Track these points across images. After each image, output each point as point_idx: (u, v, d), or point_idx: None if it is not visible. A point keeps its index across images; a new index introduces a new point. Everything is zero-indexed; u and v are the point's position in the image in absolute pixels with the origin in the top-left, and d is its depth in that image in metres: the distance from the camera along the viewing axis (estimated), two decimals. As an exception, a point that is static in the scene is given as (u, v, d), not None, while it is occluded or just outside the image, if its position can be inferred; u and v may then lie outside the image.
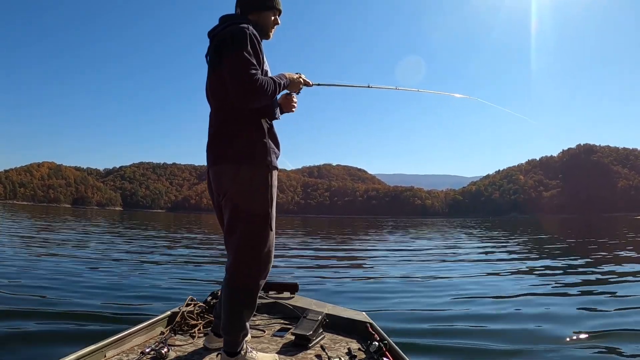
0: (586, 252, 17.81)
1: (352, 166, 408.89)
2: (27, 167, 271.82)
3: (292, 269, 12.53)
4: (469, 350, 5.29)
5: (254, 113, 2.88)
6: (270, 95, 2.79)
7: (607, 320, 6.56)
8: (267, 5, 3.03)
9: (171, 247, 18.42)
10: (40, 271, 9.96)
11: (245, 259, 2.89)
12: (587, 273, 11.72)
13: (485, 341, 5.55)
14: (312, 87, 3.34)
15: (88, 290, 7.88)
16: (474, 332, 6.07)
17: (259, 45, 2.82)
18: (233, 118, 2.87)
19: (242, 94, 2.67)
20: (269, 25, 3.08)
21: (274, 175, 2.95)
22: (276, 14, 3.09)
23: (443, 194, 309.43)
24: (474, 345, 5.43)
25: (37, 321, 5.80)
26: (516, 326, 6.33)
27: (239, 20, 2.89)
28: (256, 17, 3.00)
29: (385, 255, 18.16)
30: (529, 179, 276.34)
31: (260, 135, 2.89)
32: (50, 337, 5.15)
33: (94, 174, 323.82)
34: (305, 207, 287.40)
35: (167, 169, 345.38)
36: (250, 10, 3.02)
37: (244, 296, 2.90)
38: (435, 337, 5.81)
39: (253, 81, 2.64)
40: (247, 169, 2.84)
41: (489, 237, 32.26)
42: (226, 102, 2.83)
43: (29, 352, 4.70)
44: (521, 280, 10.83)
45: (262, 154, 2.88)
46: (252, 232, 2.88)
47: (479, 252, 19.35)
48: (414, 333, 5.93)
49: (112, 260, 12.42)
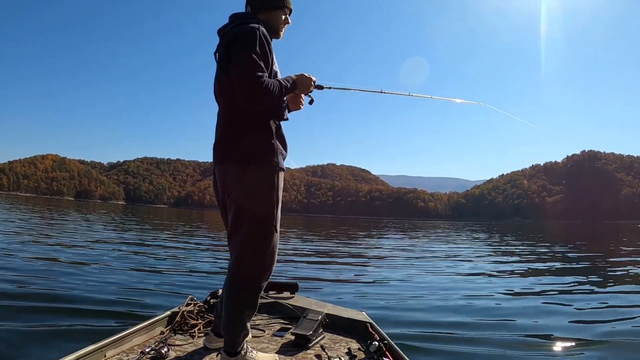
0: (595, 259, 17.73)
1: (355, 166, 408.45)
2: (31, 159, 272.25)
3: (292, 268, 12.52)
4: (469, 351, 5.29)
5: (262, 113, 2.86)
6: (276, 98, 2.78)
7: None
8: (277, 4, 3.00)
9: (172, 244, 18.32)
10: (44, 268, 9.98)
11: (248, 259, 2.87)
12: (594, 283, 11.55)
13: (484, 346, 5.53)
14: (323, 90, 3.31)
15: (88, 289, 7.81)
16: (475, 332, 6.09)
17: (268, 46, 2.79)
18: (241, 118, 2.85)
19: (248, 96, 2.65)
20: (280, 25, 3.05)
21: (280, 177, 2.92)
22: (286, 12, 3.06)
23: (446, 196, 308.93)
24: (474, 347, 5.43)
25: (38, 318, 5.79)
26: (517, 329, 6.33)
27: (250, 19, 2.86)
28: (266, 16, 2.97)
29: (387, 256, 18.18)
30: (533, 184, 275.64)
31: (267, 135, 2.87)
32: (50, 336, 5.14)
33: (98, 168, 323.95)
34: (308, 206, 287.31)
35: (171, 164, 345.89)
36: (260, 9, 2.98)
37: (245, 296, 2.88)
38: (435, 337, 5.83)
39: (259, 83, 2.61)
40: (253, 169, 2.82)
41: (493, 240, 32.18)
42: (234, 101, 2.80)
43: (29, 350, 4.70)
44: (525, 284, 10.79)
45: (269, 154, 2.85)
46: (256, 232, 2.85)
47: (482, 255, 19.29)
48: (414, 333, 5.95)
49: (113, 259, 12.38)
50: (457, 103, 4.64)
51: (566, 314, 7.42)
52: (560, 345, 5.62)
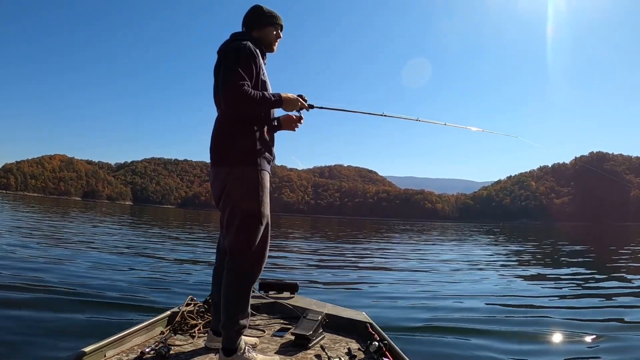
0: (605, 261, 17.54)
1: (363, 167, 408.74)
2: (38, 159, 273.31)
3: (292, 268, 12.55)
4: (469, 351, 5.27)
5: (249, 120, 3.16)
6: (257, 106, 3.09)
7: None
8: (268, 22, 3.38)
9: (174, 245, 18.33)
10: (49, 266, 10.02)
11: (239, 251, 3.08)
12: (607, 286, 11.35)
13: (484, 348, 5.50)
14: (310, 110, 3.57)
15: (87, 288, 7.87)
16: (474, 334, 6.06)
17: (254, 60, 3.11)
18: (230, 124, 3.16)
19: (230, 102, 2.99)
20: (272, 40, 3.43)
21: (264, 177, 3.16)
22: (277, 28, 3.44)
23: (454, 198, 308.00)
24: (474, 348, 5.40)
25: (39, 315, 5.85)
26: (520, 330, 6.29)
27: (241, 37, 3.25)
28: (259, 33, 3.36)
29: (390, 256, 18.16)
30: (541, 185, 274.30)
31: (252, 140, 3.14)
32: (48, 333, 5.17)
33: (105, 168, 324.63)
34: (315, 207, 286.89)
35: (179, 165, 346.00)
36: (253, 27, 3.38)
37: (238, 288, 3.07)
38: (434, 338, 5.80)
39: (241, 92, 2.93)
40: (238, 170, 3.10)
41: (500, 242, 32.05)
42: (220, 107, 3.22)
43: (30, 347, 4.71)
44: (533, 287, 10.74)
45: (253, 157, 3.12)
46: (246, 229, 3.08)
47: (490, 257, 19.21)
48: (414, 333, 5.95)
49: (113, 257, 12.43)
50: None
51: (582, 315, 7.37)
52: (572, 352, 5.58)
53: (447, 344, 5.55)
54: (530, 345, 5.61)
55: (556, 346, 5.74)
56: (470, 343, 5.62)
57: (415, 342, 5.53)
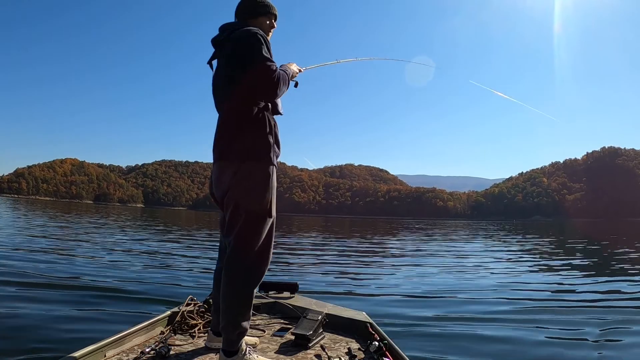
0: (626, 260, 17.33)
1: (374, 166, 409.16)
2: (50, 163, 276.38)
3: (292, 268, 12.51)
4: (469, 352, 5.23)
5: (258, 110, 3.02)
6: (287, 86, 3.04)
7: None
8: (262, 11, 3.28)
9: (176, 245, 18.29)
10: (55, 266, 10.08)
11: (243, 250, 2.95)
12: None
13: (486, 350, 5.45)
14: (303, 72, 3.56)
15: (86, 288, 7.89)
16: (477, 333, 6.02)
17: (267, 45, 2.98)
18: (236, 116, 3.01)
19: (271, 89, 2.89)
20: (266, 30, 3.29)
21: (274, 173, 3.04)
22: (271, 18, 3.34)
23: (465, 195, 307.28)
24: (476, 348, 5.37)
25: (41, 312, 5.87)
26: (524, 331, 6.23)
27: (241, 26, 3.10)
28: (253, 23, 3.20)
29: (396, 256, 18.06)
30: (553, 181, 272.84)
31: (262, 133, 3.01)
32: (49, 331, 5.17)
33: (116, 171, 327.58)
34: (326, 206, 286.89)
35: (189, 167, 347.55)
36: (247, 17, 3.25)
37: (241, 289, 2.95)
38: (435, 338, 5.76)
39: (277, 77, 2.85)
40: (248, 166, 2.95)
41: (515, 240, 31.83)
42: (232, 104, 3.03)
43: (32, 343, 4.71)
44: (543, 287, 10.60)
45: (265, 151, 2.99)
46: (251, 228, 2.95)
47: (501, 255, 19.05)
48: (414, 333, 5.91)
49: (112, 257, 12.49)
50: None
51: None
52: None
53: (447, 344, 5.49)
54: (531, 346, 5.53)
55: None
56: (472, 343, 5.56)
57: (416, 342, 5.48)
